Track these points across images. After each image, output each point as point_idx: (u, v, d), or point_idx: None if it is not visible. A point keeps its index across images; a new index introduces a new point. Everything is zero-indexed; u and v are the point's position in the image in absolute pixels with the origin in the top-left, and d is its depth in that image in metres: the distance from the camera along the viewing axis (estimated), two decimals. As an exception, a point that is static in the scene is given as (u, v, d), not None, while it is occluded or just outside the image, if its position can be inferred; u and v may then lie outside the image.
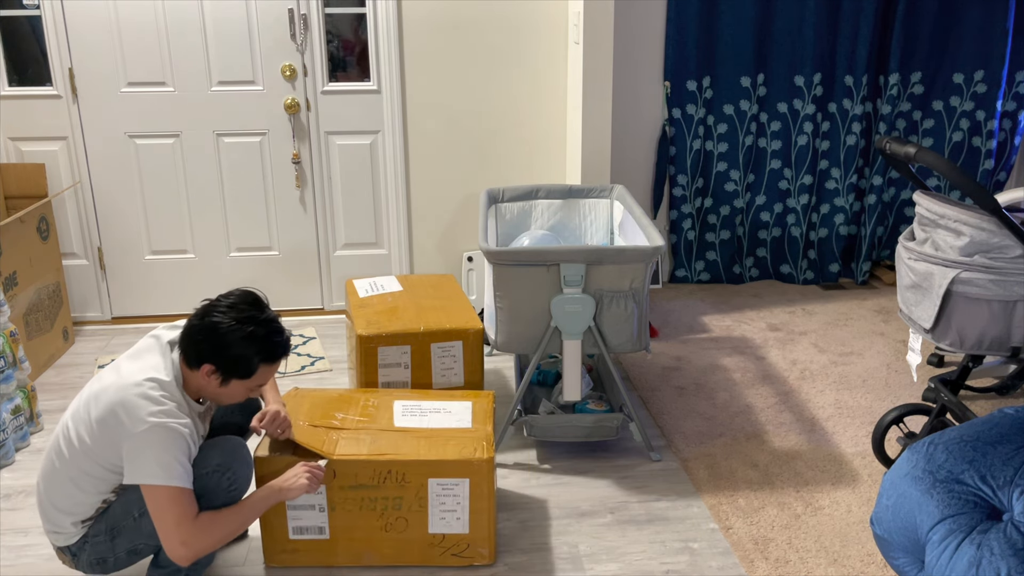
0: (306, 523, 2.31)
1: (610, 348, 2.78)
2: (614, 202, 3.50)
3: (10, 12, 3.72)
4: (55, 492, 2.02)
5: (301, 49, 3.85)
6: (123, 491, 2.04)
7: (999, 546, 1.82)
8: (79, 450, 1.98)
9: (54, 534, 2.05)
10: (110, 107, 3.84)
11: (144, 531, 2.02)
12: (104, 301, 4.10)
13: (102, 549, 2.04)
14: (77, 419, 2.00)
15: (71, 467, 1.99)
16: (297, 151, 3.98)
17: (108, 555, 2.05)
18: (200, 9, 3.76)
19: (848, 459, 2.87)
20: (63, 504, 2.01)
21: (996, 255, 2.34)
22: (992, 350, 2.44)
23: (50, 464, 2.03)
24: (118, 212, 3.98)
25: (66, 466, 2.00)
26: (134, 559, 2.08)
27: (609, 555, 2.42)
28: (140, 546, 2.05)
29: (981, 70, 4.28)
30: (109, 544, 2.03)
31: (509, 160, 4.08)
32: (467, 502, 2.29)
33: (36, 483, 2.20)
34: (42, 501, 2.04)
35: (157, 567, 2.14)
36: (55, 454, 2.03)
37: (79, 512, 2.02)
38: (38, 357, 3.51)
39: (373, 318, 2.96)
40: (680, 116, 4.26)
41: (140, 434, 1.91)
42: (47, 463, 2.04)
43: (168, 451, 1.92)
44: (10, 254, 3.34)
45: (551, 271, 2.68)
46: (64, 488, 2.01)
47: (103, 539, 2.03)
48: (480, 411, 2.49)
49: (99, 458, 1.97)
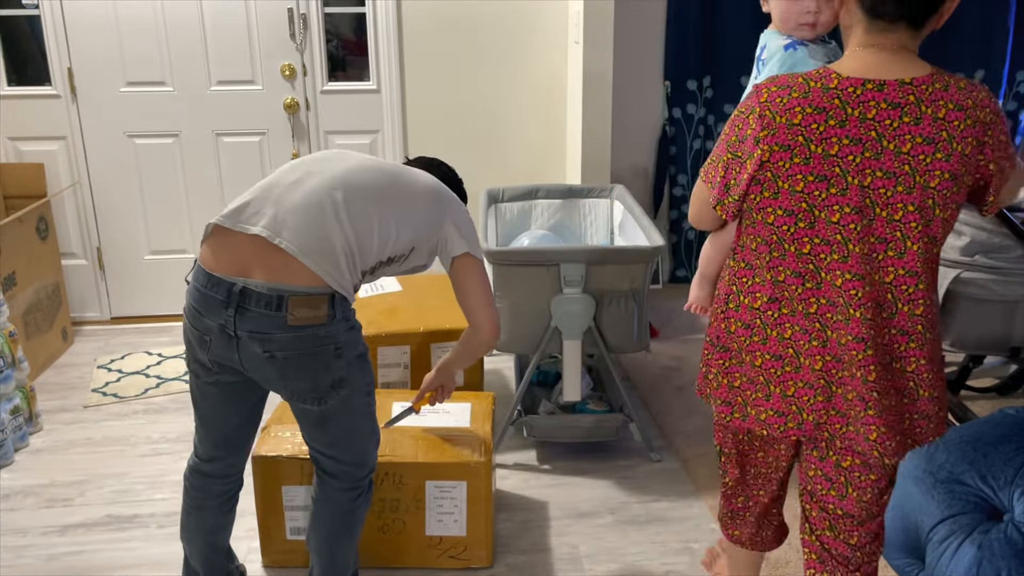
0: (304, 523, 2.30)
1: (610, 348, 2.78)
2: (614, 202, 3.50)
3: (9, 12, 3.71)
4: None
5: (301, 49, 3.85)
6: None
7: (1000, 546, 1.82)
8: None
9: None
10: (109, 107, 3.83)
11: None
12: (103, 301, 4.09)
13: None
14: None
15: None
16: (297, 151, 3.97)
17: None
18: (199, 9, 3.75)
19: (848, 459, 2.87)
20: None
21: (997, 255, 2.34)
22: (993, 350, 2.44)
23: None
24: (117, 212, 3.98)
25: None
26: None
27: (609, 556, 2.42)
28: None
29: (981, 70, 4.27)
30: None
31: (509, 160, 4.08)
32: (464, 504, 2.29)
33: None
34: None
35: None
36: None
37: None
38: (37, 357, 3.51)
39: (373, 318, 2.96)
40: (680, 116, 4.25)
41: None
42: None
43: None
44: (9, 254, 3.33)
45: (551, 271, 2.67)
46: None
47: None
48: (479, 412, 2.49)
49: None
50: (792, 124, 1.46)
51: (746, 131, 1.51)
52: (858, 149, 1.45)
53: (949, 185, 1.45)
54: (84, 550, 2.46)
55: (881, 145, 1.44)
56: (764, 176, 1.51)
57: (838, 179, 1.47)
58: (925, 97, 1.43)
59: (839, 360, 1.54)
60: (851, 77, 1.45)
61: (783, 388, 1.60)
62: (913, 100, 1.43)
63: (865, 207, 1.47)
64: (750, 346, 1.62)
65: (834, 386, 1.57)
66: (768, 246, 1.56)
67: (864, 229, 1.48)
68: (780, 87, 1.49)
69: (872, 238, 1.49)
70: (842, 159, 1.46)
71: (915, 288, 1.50)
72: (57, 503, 2.68)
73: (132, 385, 3.45)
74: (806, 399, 1.59)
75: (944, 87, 1.44)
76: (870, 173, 1.46)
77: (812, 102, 1.45)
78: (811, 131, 1.46)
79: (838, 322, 1.53)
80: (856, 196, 1.47)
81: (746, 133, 1.51)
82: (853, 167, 1.46)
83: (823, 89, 1.45)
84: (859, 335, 1.51)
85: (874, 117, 1.44)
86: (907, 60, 1.47)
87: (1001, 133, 1.46)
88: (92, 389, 3.42)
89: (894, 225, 1.47)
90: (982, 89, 1.46)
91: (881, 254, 1.49)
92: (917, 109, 1.43)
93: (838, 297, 1.52)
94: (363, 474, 1.99)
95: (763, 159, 1.49)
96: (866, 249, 1.49)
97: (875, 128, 1.44)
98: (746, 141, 1.51)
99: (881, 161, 1.45)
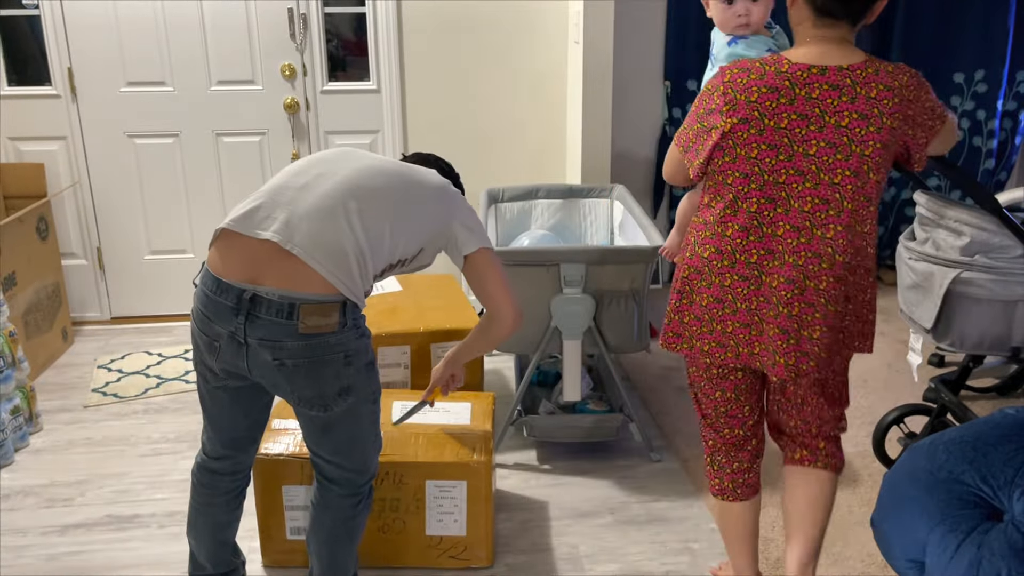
0: (304, 523, 2.30)
1: (610, 348, 2.78)
2: (614, 202, 3.50)
3: (9, 12, 3.71)
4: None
5: (301, 49, 3.85)
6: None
7: (1000, 547, 1.82)
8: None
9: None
10: (109, 107, 3.83)
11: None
12: (103, 301, 4.09)
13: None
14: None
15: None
16: (297, 151, 3.97)
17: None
18: (199, 8, 3.75)
19: (848, 459, 2.87)
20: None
21: (997, 255, 2.33)
22: (993, 350, 2.44)
23: None
24: (117, 212, 3.98)
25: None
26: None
27: (609, 556, 2.42)
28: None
29: (982, 70, 4.27)
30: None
31: (509, 160, 4.08)
32: (464, 504, 2.29)
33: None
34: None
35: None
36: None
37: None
38: (37, 357, 3.50)
39: (373, 318, 2.95)
40: (680, 116, 4.25)
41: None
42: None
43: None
44: (9, 254, 3.33)
45: (551, 271, 2.67)
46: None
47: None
48: (479, 412, 2.49)
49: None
50: (750, 101, 1.72)
51: (712, 105, 1.76)
52: (804, 123, 1.71)
53: (880, 152, 1.72)
54: (84, 550, 2.46)
55: (824, 120, 1.70)
56: (726, 144, 1.76)
57: (785, 147, 1.73)
58: (860, 80, 1.69)
59: (767, 300, 1.82)
60: (799, 63, 1.71)
61: (723, 326, 1.87)
62: (850, 83, 1.69)
63: (808, 171, 1.73)
64: (699, 289, 1.87)
65: (764, 323, 1.83)
66: (724, 203, 1.81)
67: (806, 190, 1.74)
68: (741, 70, 1.74)
69: (816, 199, 1.75)
70: (790, 131, 1.72)
71: (847, 240, 1.76)
72: (57, 503, 2.68)
73: (132, 385, 3.45)
74: (741, 335, 1.86)
75: (875, 71, 1.70)
76: (814, 143, 1.72)
77: (767, 83, 1.71)
78: (765, 107, 1.71)
79: (773, 267, 1.80)
80: (801, 162, 1.73)
81: (712, 107, 1.76)
82: (799, 138, 1.72)
83: (776, 72, 1.71)
84: (790, 277, 1.78)
85: (817, 96, 1.70)
86: (846, 50, 1.73)
87: (927, 100, 1.73)
88: (92, 389, 3.42)
89: (834, 188, 1.74)
90: (907, 71, 1.72)
91: (823, 213, 1.75)
92: (853, 90, 1.69)
93: (777, 246, 1.78)
94: (364, 481, 1.99)
95: (725, 130, 1.74)
96: (807, 207, 1.75)
97: (818, 105, 1.70)
98: (712, 114, 1.76)
99: (824, 133, 1.71)
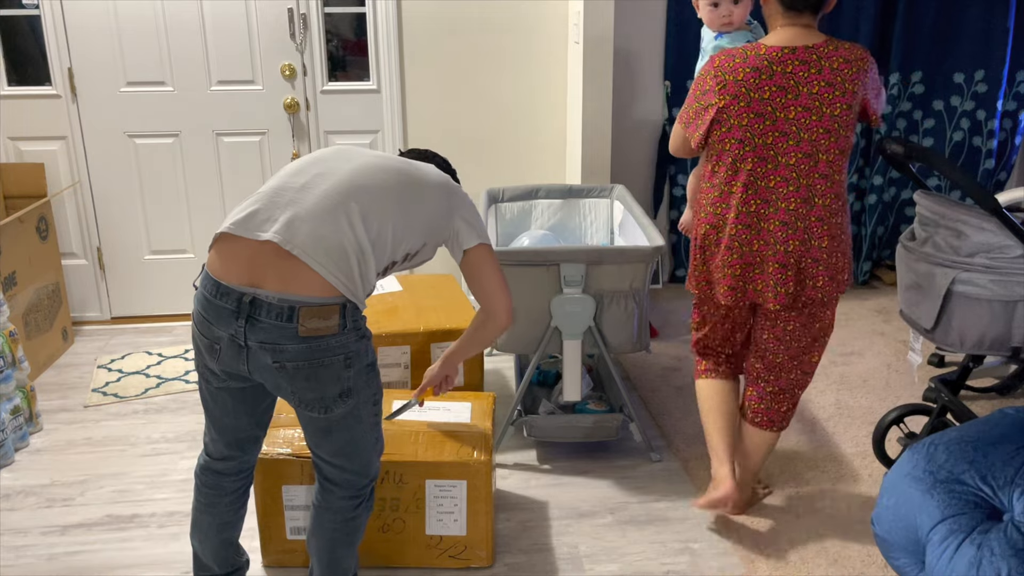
0: (304, 523, 2.30)
1: (610, 348, 2.78)
2: (614, 202, 3.50)
3: (10, 12, 3.71)
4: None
5: (301, 49, 3.85)
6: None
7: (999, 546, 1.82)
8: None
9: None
10: (109, 107, 3.84)
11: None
12: (103, 301, 4.09)
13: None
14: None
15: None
16: (297, 150, 3.97)
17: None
18: (199, 9, 3.75)
19: (848, 459, 2.87)
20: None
21: (997, 255, 2.33)
22: (993, 350, 2.44)
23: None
24: (117, 212, 3.98)
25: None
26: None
27: (609, 556, 2.42)
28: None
29: (982, 70, 4.27)
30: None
31: (509, 160, 4.08)
32: (464, 504, 2.29)
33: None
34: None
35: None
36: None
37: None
38: (37, 357, 3.51)
39: (373, 318, 2.96)
40: (680, 116, 4.25)
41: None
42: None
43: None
44: (9, 254, 3.33)
45: (551, 271, 2.67)
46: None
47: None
48: (479, 412, 2.49)
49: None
50: (737, 80, 2.15)
51: (706, 87, 2.20)
52: (782, 94, 2.14)
53: (846, 112, 2.14)
54: (84, 550, 2.46)
55: (798, 89, 2.13)
56: (721, 118, 2.19)
57: (769, 115, 2.15)
58: (823, 55, 2.12)
59: (766, 242, 2.23)
60: (774, 46, 2.14)
61: (732, 270, 2.28)
62: (815, 58, 2.12)
63: (790, 132, 2.16)
64: (716, 241, 2.30)
65: (765, 263, 2.25)
66: (725, 167, 2.24)
67: (789, 147, 2.16)
68: (727, 56, 2.18)
69: (799, 154, 2.17)
70: (772, 101, 2.14)
71: (827, 186, 2.19)
72: (57, 503, 2.68)
73: (132, 385, 3.45)
74: (747, 275, 2.28)
75: (835, 48, 2.13)
76: (793, 109, 2.14)
77: (750, 64, 2.14)
78: (750, 84, 2.14)
79: (769, 214, 2.21)
80: (783, 125, 2.16)
81: (706, 88, 2.20)
82: (780, 105, 2.14)
83: (756, 55, 2.14)
84: (783, 220, 2.21)
85: (791, 71, 2.13)
86: (810, 33, 2.16)
87: (874, 73, 2.16)
88: (92, 389, 3.42)
89: (812, 144, 2.16)
90: (860, 48, 2.14)
91: (805, 165, 2.17)
92: (819, 64, 2.12)
93: (771, 195, 2.20)
94: (365, 482, 1.99)
95: (720, 106, 2.17)
96: (792, 160, 2.17)
97: (792, 78, 2.13)
98: (707, 94, 2.20)
99: (799, 100, 2.13)
